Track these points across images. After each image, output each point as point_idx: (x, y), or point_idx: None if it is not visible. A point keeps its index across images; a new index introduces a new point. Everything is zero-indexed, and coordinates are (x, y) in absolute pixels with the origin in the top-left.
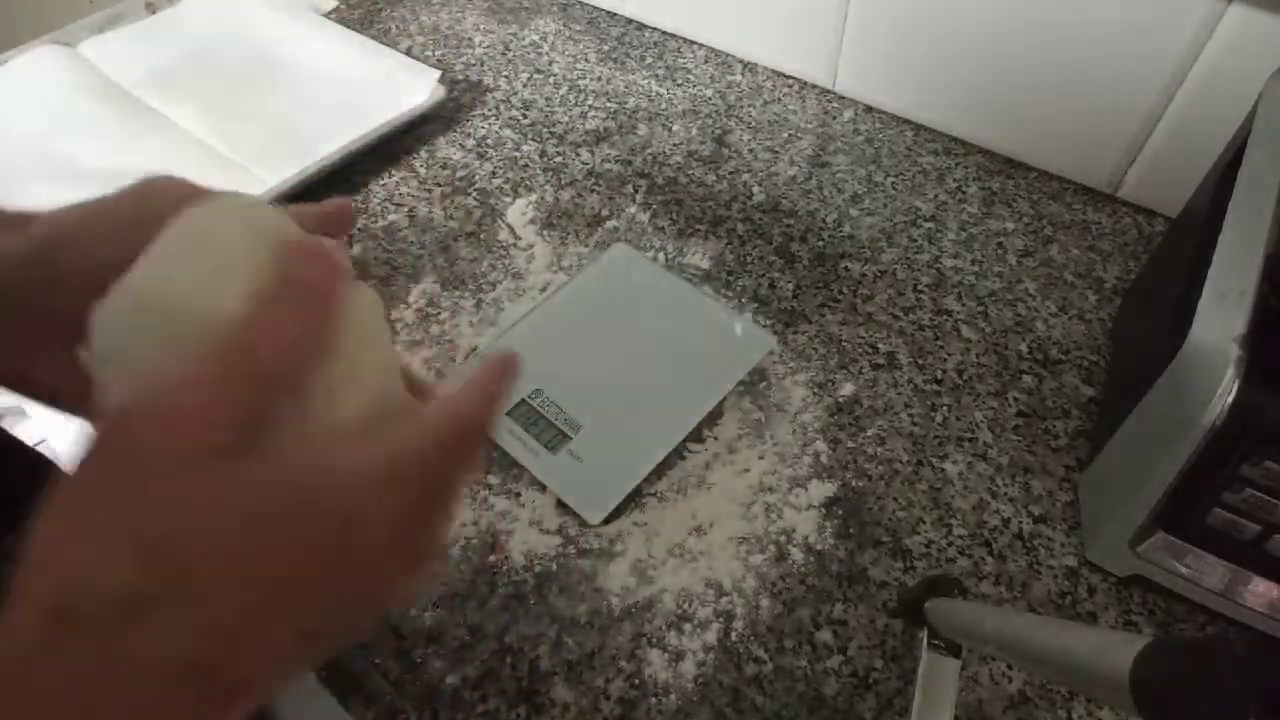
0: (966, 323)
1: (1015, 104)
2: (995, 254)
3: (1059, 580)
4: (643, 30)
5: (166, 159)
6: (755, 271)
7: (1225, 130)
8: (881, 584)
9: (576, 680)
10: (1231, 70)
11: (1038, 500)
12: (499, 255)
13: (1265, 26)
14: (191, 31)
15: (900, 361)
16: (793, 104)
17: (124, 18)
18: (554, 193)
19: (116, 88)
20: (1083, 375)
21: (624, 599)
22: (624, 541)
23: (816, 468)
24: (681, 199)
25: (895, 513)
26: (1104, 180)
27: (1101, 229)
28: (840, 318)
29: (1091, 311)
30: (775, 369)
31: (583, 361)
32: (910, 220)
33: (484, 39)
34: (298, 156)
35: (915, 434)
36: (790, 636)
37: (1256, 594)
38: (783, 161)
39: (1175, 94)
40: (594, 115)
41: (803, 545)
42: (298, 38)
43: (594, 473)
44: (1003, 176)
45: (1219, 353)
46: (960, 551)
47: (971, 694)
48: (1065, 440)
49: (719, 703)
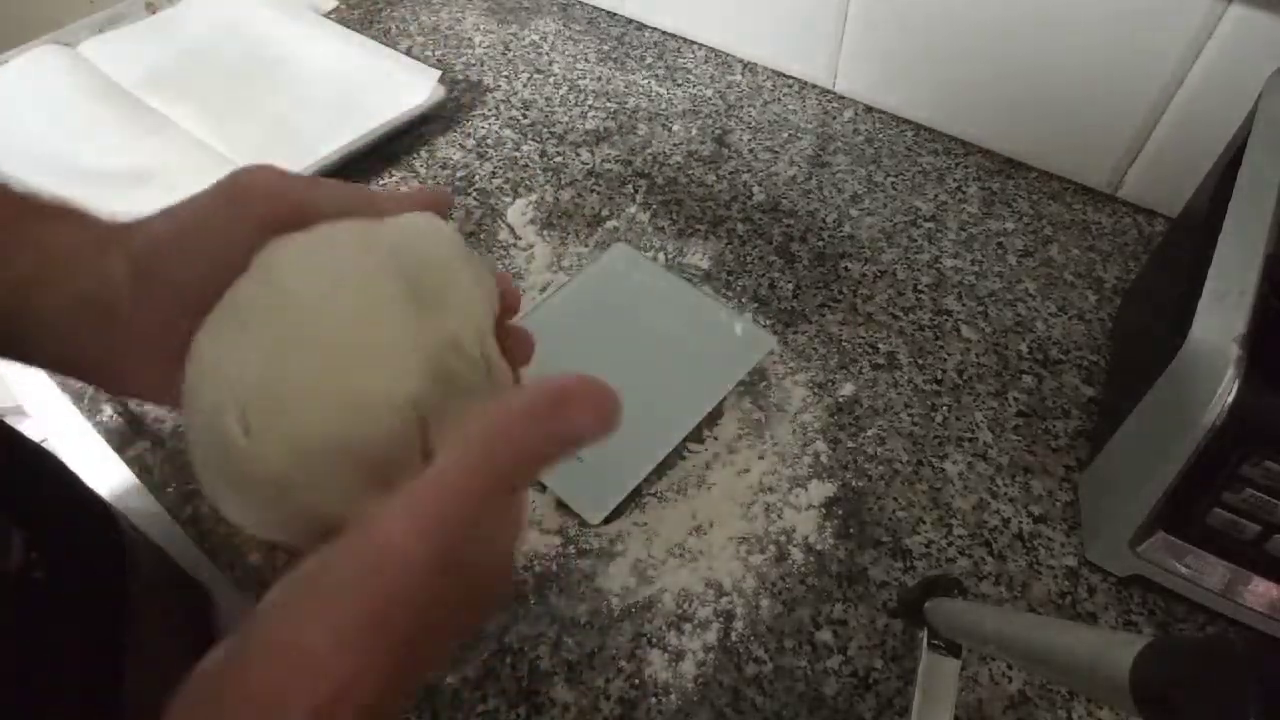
0: (966, 323)
1: (1015, 104)
2: (995, 254)
3: (1059, 580)
4: (643, 30)
5: (166, 159)
6: (755, 271)
7: (1225, 130)
8: (881, 584)
9: (576, 680)
10: (1231, 70)
11: (1038, 500)
12: (499, 255)
13: (1265, 26)
14: (191, 31)
15: (900, 361)
16: (793, 104)
17: (124, 18)
18: (554, 193)
19: (116, 88)
20: (1083, 375)
21: (624, 599)
22: (624, 541)
23: (816, 468)
24: (681, 199)
25: (895, 513)
26: (1104, 180)
27: (1101, 229)
28: (840, 318)
29: (1091, 311)
30: (775, 369)
31: (583, 361)
32: (910, 220)
33: (484, 39)
34: (298, 156)
35: (915, 434)
36: (790, 636)
37: (1256, 594)
38: (783, 161)
39: (1175, 94)
40: (594, 115)
41: (803, 545)
42: (298, 38)
43: (594, 473)
44: (1003, 176)
45: (1219, 353)
46: (960, 551)
47: (971, 694)
48: (1065, 440)
49: (719, 703)
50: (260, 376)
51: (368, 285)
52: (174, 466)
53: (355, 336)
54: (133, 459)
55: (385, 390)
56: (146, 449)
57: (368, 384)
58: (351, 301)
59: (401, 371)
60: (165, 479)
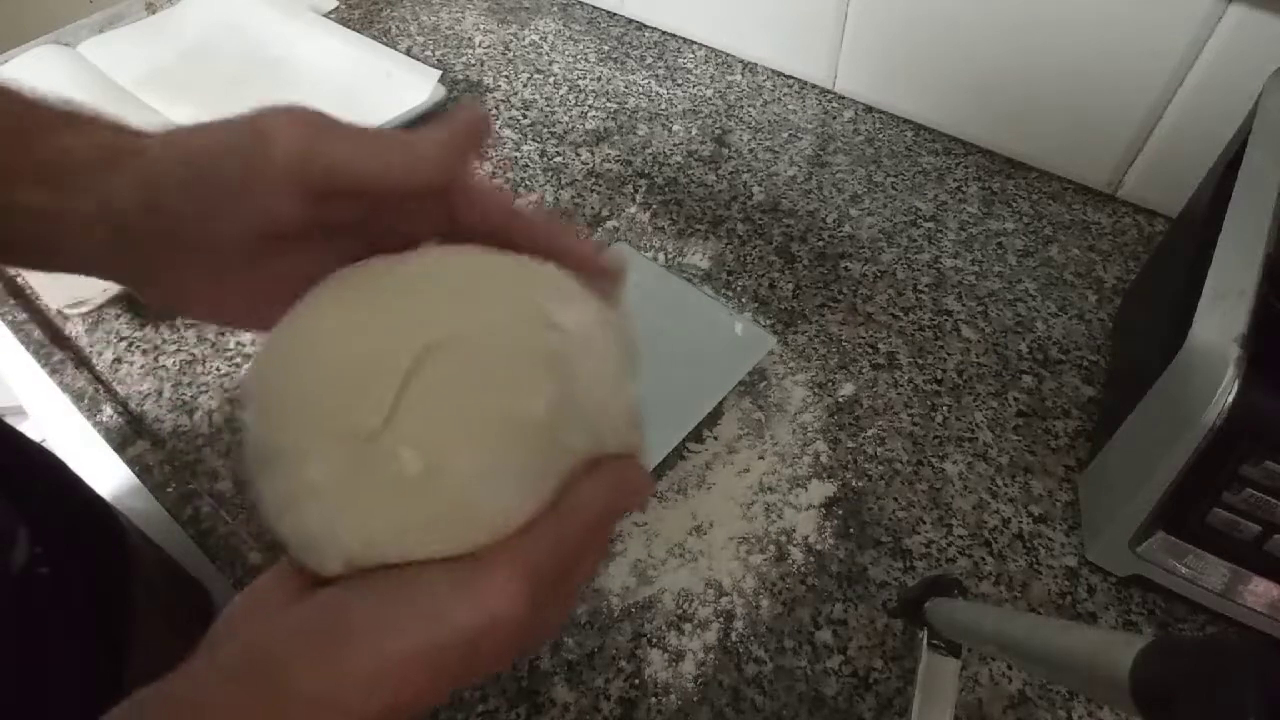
0: (966, 323)
1: (1015, 104)
2: (995, 254)
3: (1059, 580)
4: (643, 30)
5: None
6: (755, 271)
7: (1225, 130)
8: (881, 584)
9: (576, 680)
10: (1231, 70)
11: (1038, 500)
12: None
13: (1265, 26)
14: (191, 31)
15: (900, 361)
16: (793, 104)
17: (124, 18)
18: (554, 193)
19: (116, 88)
20: (1083, 375)
21: (624, 599)
22: (624, 541)
23: (816, 468)
24: (681, 199)
25: (895, 513)
26: (1104, 180)
27: (1101, 229)
28: (840, 318)
29: (1091, 311)
30: (775, 369)
31: None
32: (910, 220)
33: (484, 39)
34: None
35: (915, 434)
36: (790, 636)
37: (1256, 594)
38: (783, 161)
39: (1175, 94)
40: (594, 115)
41: (803, 545)
42: (297, 37)
43: None
44: (1003, 176)
45: (1219, 353)
46: (960, 551)
47: (971, 694)
48: (1065, 440)
49: (719, 703)
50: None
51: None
52: (174, 466)
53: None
54: (133, 459)
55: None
56: (146, 449)
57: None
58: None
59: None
60: (165, 479)
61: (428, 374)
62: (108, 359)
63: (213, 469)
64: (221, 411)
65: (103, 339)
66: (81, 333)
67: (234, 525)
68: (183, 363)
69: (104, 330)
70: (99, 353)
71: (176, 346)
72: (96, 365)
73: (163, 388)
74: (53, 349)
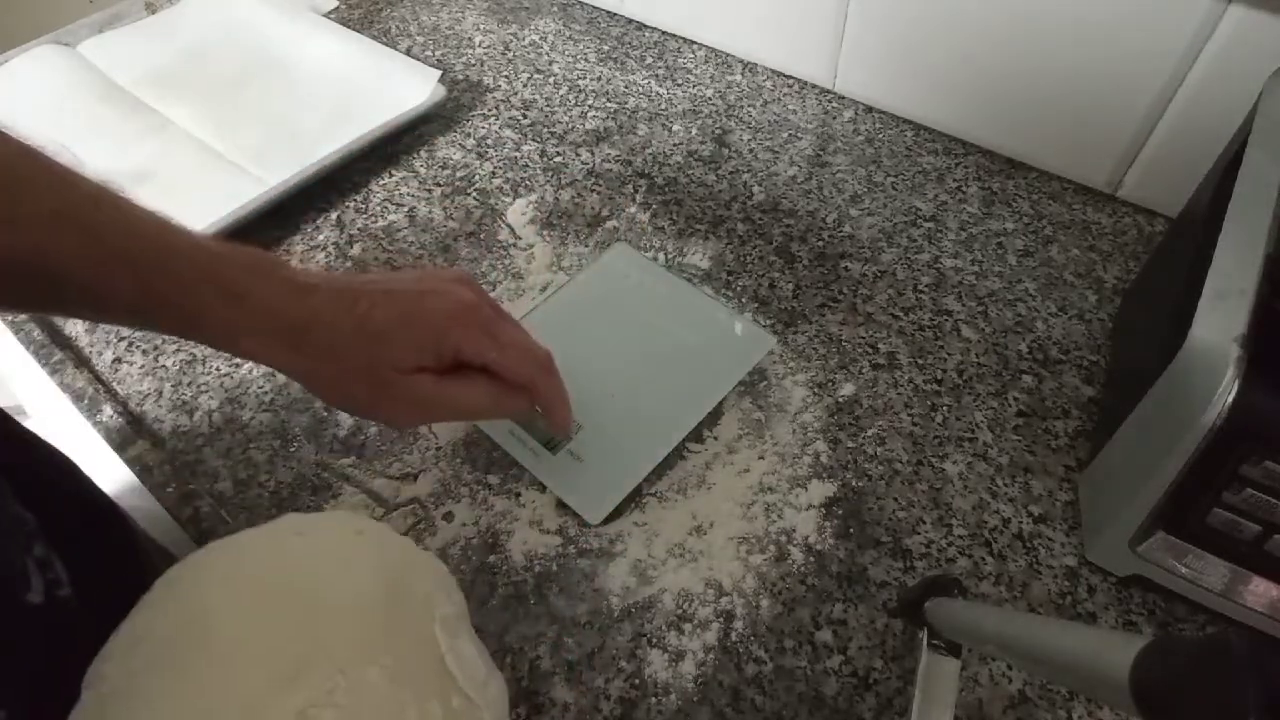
0: (966, 323)
1: (1015, 104)
2: (995, 254)
3: (1059, 580)
4: (643, 30)
5: (166, 159)
6: (755, 271)
7: (1225, 130)
8: (881, 584)
9: (576, 680)
10: (1231, 70)
11: (1038, 500)
12: (499, 255)
13: (1265, 26)
14: (191, 31)
15: (900, 361)
16: (793, 104)
17: (124, 18)
18: (554, 193)
19: (116, 88)
20: (1083, 375)
21: (624, 599)
22: (624, 541)
23: (816, 468)
24: (681, 199)
25: (895, 513)
26: (1104, 180)
27: (1101, 229)
28: (840, 318)
29: (1091, 311)
30: (775, 369)
31: (582, 362)
32: (910, 220)
33: (484, 39)
34: (297, 157)
35: (915, 434)
36: (790, 636)
37: (1256, 594)
38: (783, 161)
39: (1175, 94)
40: (594, 115)
41: (803, 545)
42: (297, 38)
43: (594, 473)
44: (1003, 176)
45: (1219, 353)
46: (960, 551)
47: (971, 694)
48: (1065, 440)
49: (719, 703)
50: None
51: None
52: (174, 467)
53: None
54: (133, 459)
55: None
56: (146, 449)
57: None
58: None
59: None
60: (165, 479)
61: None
62: (107, 359)
63: (213, 469)
64: (221, 411)
65: (103, 339)
66: (81, 332)
67: (234, 525)
68: (183, 363)
69: (104, 330)
70: (99, 353)
71: (176, 346)
72: (96, 365)
73: (163, 388)
74: (53, 349)
